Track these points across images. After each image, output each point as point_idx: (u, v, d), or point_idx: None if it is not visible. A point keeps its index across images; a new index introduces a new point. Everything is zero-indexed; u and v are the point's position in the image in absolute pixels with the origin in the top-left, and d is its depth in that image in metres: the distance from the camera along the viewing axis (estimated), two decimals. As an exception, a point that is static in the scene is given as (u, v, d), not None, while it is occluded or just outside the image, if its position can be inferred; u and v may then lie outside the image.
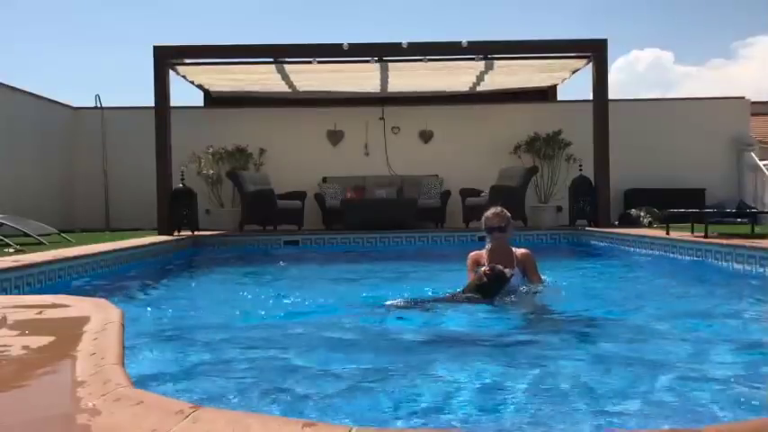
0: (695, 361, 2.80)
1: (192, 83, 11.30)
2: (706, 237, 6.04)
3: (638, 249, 7.21)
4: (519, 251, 4.37)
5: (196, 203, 9.66)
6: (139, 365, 2.56)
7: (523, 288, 4.22)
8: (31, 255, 5.36)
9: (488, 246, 4.33)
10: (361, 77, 10.96)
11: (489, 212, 4.34)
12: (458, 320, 3.66)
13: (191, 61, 10.08)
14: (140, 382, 1.94)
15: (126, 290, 5.07)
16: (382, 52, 9.74)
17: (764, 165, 11.80)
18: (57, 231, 8.23)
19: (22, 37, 25.80)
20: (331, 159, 12.05)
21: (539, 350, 3.06)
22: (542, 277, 4.40)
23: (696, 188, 11.58)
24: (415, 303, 3.96)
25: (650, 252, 6.87)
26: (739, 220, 8.44)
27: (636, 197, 11.41)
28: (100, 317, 2.51)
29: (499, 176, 10.93)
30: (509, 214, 4.38)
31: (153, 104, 9.57)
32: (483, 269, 3.97)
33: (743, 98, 12.51)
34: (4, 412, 1.54)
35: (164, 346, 3.20)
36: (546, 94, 12.65)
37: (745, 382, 2.43)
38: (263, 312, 4.20)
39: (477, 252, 4.42)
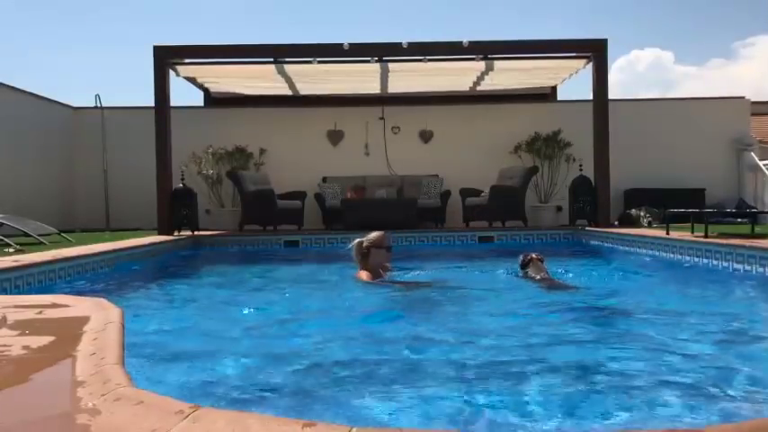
0: (693, 361, 2.80)
1: (194, 80, 11.30)
2: (706, 237, 6.04)
3: (638, 249, 7.21)
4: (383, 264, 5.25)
5: (196, 203, 9.66)
6: (139, 365, 2.56)
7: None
8: (31, 255, 5.36)
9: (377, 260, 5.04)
10: (361, 77, 10.96)
11: (382, 234, 5.13)
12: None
13: (190, 61, 10.09)
14: (140, 381, 1.94)
15: (126, 290, 5.06)
16: (382, 52, 9.73)
17: (764, 165, 11.80)
18: (57, 231, 8.23)
19: (22, 37, 25.82)
20: (331, 159, 12.05)
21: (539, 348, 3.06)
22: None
23: (696, 188, 11.59)
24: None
25: (650, 252, 6.86)
26: (739, 219, 8.44)
27: (636, 197, 11.41)
28: (100, 316, 2.51)
29: (499, 176, 10.93)
30: None
31: (153, 104, 9.57)
32: (533, 255, 5.00)
33: (743, 98, 12.51)
34: (4, 412, 1.54)
35: (164, 346, 3.20)
36: (546, 94, 12.65)
37: (744, 381, 2.43)
38: (263, 312, 4.20)
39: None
